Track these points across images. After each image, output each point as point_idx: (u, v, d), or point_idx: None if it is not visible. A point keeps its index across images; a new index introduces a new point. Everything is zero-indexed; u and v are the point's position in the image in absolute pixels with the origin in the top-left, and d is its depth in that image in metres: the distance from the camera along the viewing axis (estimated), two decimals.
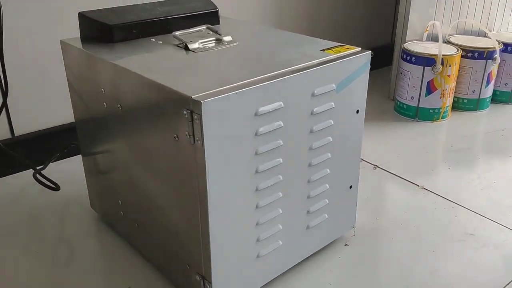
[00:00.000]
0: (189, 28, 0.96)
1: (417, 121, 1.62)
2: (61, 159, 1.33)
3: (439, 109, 1.60)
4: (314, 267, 0.96)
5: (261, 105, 0.73)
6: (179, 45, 0.90)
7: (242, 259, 0.82)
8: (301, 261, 0.94)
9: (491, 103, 1.74)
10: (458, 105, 1.70)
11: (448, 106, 1.62)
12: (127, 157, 0.87)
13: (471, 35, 1.79)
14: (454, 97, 1.67)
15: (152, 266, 0.94)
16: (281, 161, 0.80)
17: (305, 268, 0.95)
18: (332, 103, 0.85)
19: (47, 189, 1.12)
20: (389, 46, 2.16)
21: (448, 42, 1.68)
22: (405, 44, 1.64)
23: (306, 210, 0.89)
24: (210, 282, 0.78)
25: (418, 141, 1.49)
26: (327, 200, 0.93)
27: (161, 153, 0.77)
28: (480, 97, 1.68)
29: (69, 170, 1.29)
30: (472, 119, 1.66)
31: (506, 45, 1.68)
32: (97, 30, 0.93)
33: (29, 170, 1.29)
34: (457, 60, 1.57)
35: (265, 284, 0.89)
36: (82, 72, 0.91)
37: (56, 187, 1.09)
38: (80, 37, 0.96)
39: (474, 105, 1.69)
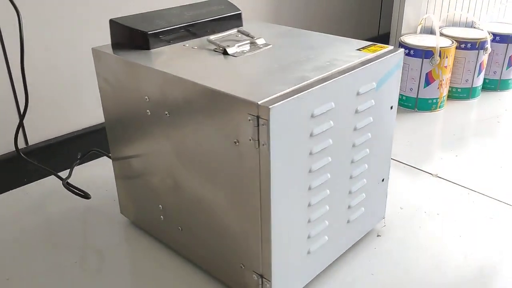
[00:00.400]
0: (220, 32, 0.98)
1: (416, 111, 1.68)
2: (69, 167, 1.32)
3: (437, 99, 1.66)
4: (353, 259, 0.99)
5: (317, 106, 0.76)
6: (216, 50, 0.91)
7: (296, 256, 0.84)
8: (341, 254, 0.98)
9: (481, 90, 1.81)
10: (452, 94, 1.77)
11: (444, 96, 1.68)
12: (172, 162, 0.88)
13: (459, 26, 1.86)
14: (449, 86, 1.73)
15: (198, 268, 0.96)
16: (330, 160, 0.83)
17: (346, 261, 0.98)
18: (373, 101, 0.88)
19: (68, 197, 1.12)
20: (376, 38, 2.22)
21: (441, 34, 1.74)
22: (401, 37, 1.69)
23: (348, 205, 0.92)
24: (270, 280, 0.80)
25: (421, 131, 1.55)
26: (364, 194, 0.96)
27: (218, 158, 0.79)
28: (473, 86, 1.75)
29: (88, 176, 1.28)
30: (467, 107, 1.73)
31: (494, 35, 1.75)
32: (132, 37, 0.93)
33: (46, 178, 1.28)
34: (452, 51, 1.63)
35: (313, 279, 0.92)
36: (119, 80, 0.91)
37: (87, 195, 1.08)
38: (111, 44, 0.96)
39: (467, 93, 1.76)
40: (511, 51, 1.78)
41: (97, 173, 1.29)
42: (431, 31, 1.79)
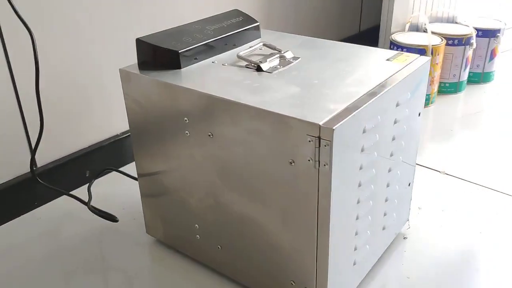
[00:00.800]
0: (242, 45, 0.98)
1: None
2: (78, 187, 1.29)
3: (429, 95, 1.71)
4: (386, 264, 1.01)
5: (367, 122, 0.77)
6: (248, 66, 0.90)
7: (345, 268, 0.85)
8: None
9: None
10: (441, 89, 1.82)
11: (435, 91, 1.73)
12: (213, 182, 0.87)
13: (442, 22, 1.91)
14: None
15: (239, 285, 0.95)
16: (374, 172, 0.84)
17: (380, 266, 1.00)
18: (407, 110, 0.89)
19: (83, 218, 1.10)
20: (358, 35, 2.26)
21: (426, 31, 1.79)
22: (392, 35, 1.73)
23: (384, 212, 0.94)
24: None
25: None
26: (396, 200, 0.98)
27: (269, 178, 0.78)
28: (460, 80, 1.81)
29: (99, 195, 1.24)
30: (456, 101, 1.79)
31: (476, 30, 1.81)
32: (162, 57, 0.90)
33: (55, 200, 1.24)
34: (443, 48, 1.67)
35: None
36: (153, 101, 0.89)
37: (114, 219, 1.05)
38: (138, 64, 0.93)
39: (455, 88, 1.82)
40: (493, 45, 1.85)
41: (108, 192, 1.26)
42: (417, 28, 1.83)
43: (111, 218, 1.05)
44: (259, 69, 0.89)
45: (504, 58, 2.09)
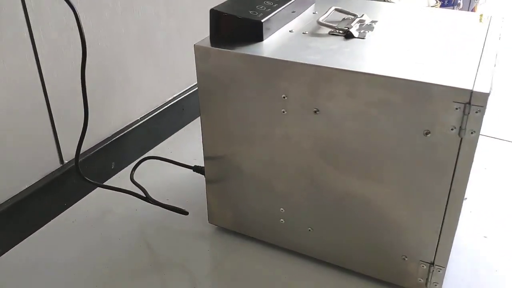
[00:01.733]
0: (302, 12, 0.93)
1: None
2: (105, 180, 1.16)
3: None
4: (460, 225, 1.01)
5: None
6: (333, 33, 0.84)
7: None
8: None
9: None
10: None
11: None
12: (312, 161, 0.81)
13: None
14: None
15: (329, 266, 0.91)
16: None
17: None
18: None
19: (119, 213, 1.04)
20: None
21: None
22: None
23: None
24: (444, 267, 0.79)
25: None
26: None
27: (389, 151, 0.74)
28: None
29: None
30: None
31: None
32: (242, 28, 0.81)
33: (84, 198, 1.11)
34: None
35: None
36: (239, 79, 0.80)
37: (184, 211, 0.95)
38: (210, 37, 0.83)
39: None
40: (473, 4, 1.89)
41: (144, 182, 1.14)
42: None
43: (181, 211, 0.95)
44: (348, 35, 0.83)
45: None
